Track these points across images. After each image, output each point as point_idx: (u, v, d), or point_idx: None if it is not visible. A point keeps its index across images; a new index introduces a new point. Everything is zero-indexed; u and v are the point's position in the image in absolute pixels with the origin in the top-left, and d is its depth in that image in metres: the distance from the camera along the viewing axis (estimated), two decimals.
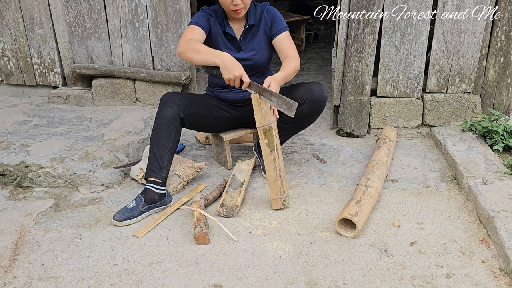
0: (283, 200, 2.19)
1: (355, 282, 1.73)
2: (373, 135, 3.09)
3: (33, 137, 2.82)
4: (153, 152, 2.23)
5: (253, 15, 2.34)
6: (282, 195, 2.17)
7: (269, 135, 2.09)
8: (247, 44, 2.37)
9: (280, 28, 2.35)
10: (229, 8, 2.21)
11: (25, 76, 3.60)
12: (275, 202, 2.19)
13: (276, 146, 2.10)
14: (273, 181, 2.15)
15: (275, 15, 2.37)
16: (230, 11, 2.24)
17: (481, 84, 2.99)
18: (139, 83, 3.39)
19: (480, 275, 1.75)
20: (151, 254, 1.90)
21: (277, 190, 2.16)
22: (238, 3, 2.18)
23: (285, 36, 2.35)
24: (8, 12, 3.40)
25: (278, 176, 2.14)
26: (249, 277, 1.76)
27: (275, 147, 2.10)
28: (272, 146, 2.10)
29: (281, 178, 2.14)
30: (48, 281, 1.74)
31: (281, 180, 2.15)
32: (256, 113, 2.07)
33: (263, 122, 2.07)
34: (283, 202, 2.19)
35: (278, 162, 2.12)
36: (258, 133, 2.12)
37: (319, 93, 2.33)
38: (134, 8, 3.21)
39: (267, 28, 2.37)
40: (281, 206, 2.19)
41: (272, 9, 2.40)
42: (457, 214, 2.17)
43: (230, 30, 2.34)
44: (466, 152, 2.61)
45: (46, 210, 2.24)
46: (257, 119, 2.08)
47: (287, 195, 2.20)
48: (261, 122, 2.08)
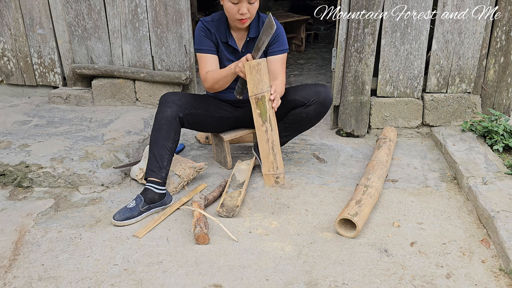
0: (276, 177, 2.07)
1: (355, 282, 1.73)
2: (373, 135, 3.09)
3: (33, 137, 2.82)
4: (152, 152, 2.23)
5: (254, 28, 2.32)
6: (275, 171, 2.07)
7: (261, 104, 2.04)
8: None
9: (279, 50, 2.34)
10: (234, 17, 2.19)
11: (25, 76, 3.60)
12: (267, 178, 2.10)
13: (269, 117, 2.03)
14: (266, 155, 2.07)
15: (279, 34, 2.34)
16: (235, 20, 2.21)
17: (481, 84, 2.99)
18: (139, 83, 3.39)
19: (480, 275, 1.76)
20: (151, 254, 1.90)
21: (269, 165, 2.08)
22: (244, 13, 2.15)
23: (279, 59, 2.33)
24: (8, 12, 3.40)
25: (271, 150, 2.05)
26: (249, 277, 1.76)
27: (268, 118, 2.04)
28: (265, 116, 2.04)
29: (274, 152, 2.05)
30: (48, 281, 1.75)
31: (274, 155, 2.05)
32: (248, 81, 2.06)
33: (255, 91, 2.04)
34: (276, 179, 2.08)
35: (271, 134, 2.04)
36: (251, 102, 2.10)
37: (326, 95, 2.35)
38: (134, 8, 3.21)
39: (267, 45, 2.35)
40: (273, 183, 2.09)
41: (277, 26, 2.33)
42: (457, 214, 2.17)
43: (232, 43, 2.34)
44: (466, 152, 2.61)
45: (46, 210, 2.24)
46: (249, 88, 2.06)
47: (281, 172, 2.08)
48: (253, 91, 2.05)
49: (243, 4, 2.13)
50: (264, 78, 2.03)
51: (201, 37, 2.32)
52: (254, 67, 2.04)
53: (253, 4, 2.16)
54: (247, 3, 2.14)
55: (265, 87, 2.03)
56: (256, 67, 2.04)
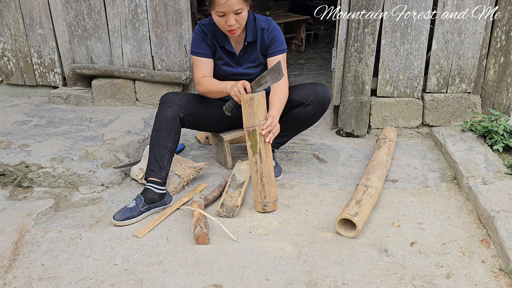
0: (263, 205, 2.17)
1: (355, 282, 1.73)
2: (373, 135, 3.09)
3: (33, 137, 2.82)
4: (153, 152, 2.24)
5: (251, 32, 2.31)
6: (263, 200, 2.16)
7: (252, 138, 2.09)
8: (246, 58, 2.38)
9: (278, 50, 2.34)
10: (224, 28, 2.19)
11: (25, 76, 3.60)
12: (256, 204, 2.20)
13: (259, 150, 2.09)
14: (254, 184, 2.16)
15: (275, 35, 2.33)
16: (225, 31, 2.21)
17: (481, 84, 2.99)
18: (139, 83, 3.39)
19: (480, 275, 1.76)
20: (151, 254, 1.90)
21: (258, 193, 2.17)
22: (232, 24, 2.13)
23: (279, 59, 2.32)
24: (8, 12, 3.40)
25: (259, 180, 2.13)
26: (249, 277, 1.76)
27: (258, 151, 2.10)
28: (255, 149, 2.10)
29: (262, 183, 2.13)
30: (48, 281, 1.75)
31: (262, 185, 2.13)
32: (242, 112, 2.11)
33: (247, 124, 2.09)
34: (263, 207, 2.17)
35: (260, 166, 2.11)
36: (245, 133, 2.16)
37: (324, 95, 2.34)
38: (134, 8, 3.21)
39: (265, 46, 2.34)
40: (260, 210, 2.18)
41: (273, 27, 2.34)
42: (457, 214, 2.17)
43: (229, 47, 2.33)
44: (466, 152, 2.61)
45: (46, 210, 2.24)
46: (243, 118, 2.11)
47: (268, 201, 2.16)
48: (245, 124, 2.10)
49: (230, 16, 2.11)
50: (257, 112, 2.06)
51: (197, 41, 2.32)
52: (247, 101, 2.06)
53: (241, 14, 2.13)
54: (233, 14, 2.11)
55: (257, 122, 2.07)
56: (249, 101, 2.06)
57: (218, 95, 2.30)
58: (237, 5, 2.08)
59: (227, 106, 2.25)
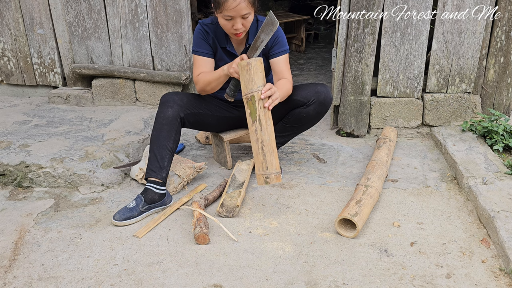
0: (266, 177, 2.05)
1: (355, 282, 1.73)
2: (373, 135, 3.09)
3: (33, 137, 2.82)
4: (153, 152, 2.23)
5: (253, 34, 2.31)
6: (264, 171, 2.05)
7: (251, 104, 2.02)
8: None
9: (280, 51, 2.32)
10: (229, 31, 2.18)
11: (25, 76, 3.60)
12: (258, 178, 2.09)
13: (258, 117, 2.01)
14: (255, 154, 2.06)
15: (277, 36, 2.32)
16: (230, 34, 2.21)
17: (481, 84, 2.99)
18: (139, 83, 3.39)
19: (480, 275, 1.76)
20: (151, 254, 1.90)
21: (259, 165, 2.06)
22: (239, 28, 2.13)
23: (282, 60, 2.32)
24: (8, 12, 3.40)
25: (260, 150, 2.03)
26: (249, 277, 1.76)
27: (257, 118, 2.02)
28: (254, 116, 2.02)
29: (263, 152, 2.03)
30: (48, 281, 1.75)
31: (264, 155, 2.03)
32: (241, 82, 2.06)
33: (245, 91, 2.03)
34: (266, 179, 2.06)
35: (260, 134, 2.02)
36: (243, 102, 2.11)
37: (326, 95, 2.34)
38: (134, 8, 3.21)
39: (267, 47, 2.33)
40: (263, 183, 2.07)
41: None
42: (457, 214, 2.17)
43: (231, 48, 2.33)
44: (466, 152, 2.61)
45: (46, 210, 2.24)
46: (242, 88, 2.06)
47: (271, 172, 2.05)
48: (243, 91, 2.04)
49: (237, 20, 2.10)
50: (255, 78, 2.02)
51: (199, 40, 2.31)
52: (244, 67, 2.02)
53: (247, 18, 2.13)
54: (240, 18, 2.10)
55: (255, 87, 2.02)
56: (246, 67, 2.02)
57: (218, 82, 2.26)
58: (245, 10, 2.08)
59: (228, 91, 2.22)
